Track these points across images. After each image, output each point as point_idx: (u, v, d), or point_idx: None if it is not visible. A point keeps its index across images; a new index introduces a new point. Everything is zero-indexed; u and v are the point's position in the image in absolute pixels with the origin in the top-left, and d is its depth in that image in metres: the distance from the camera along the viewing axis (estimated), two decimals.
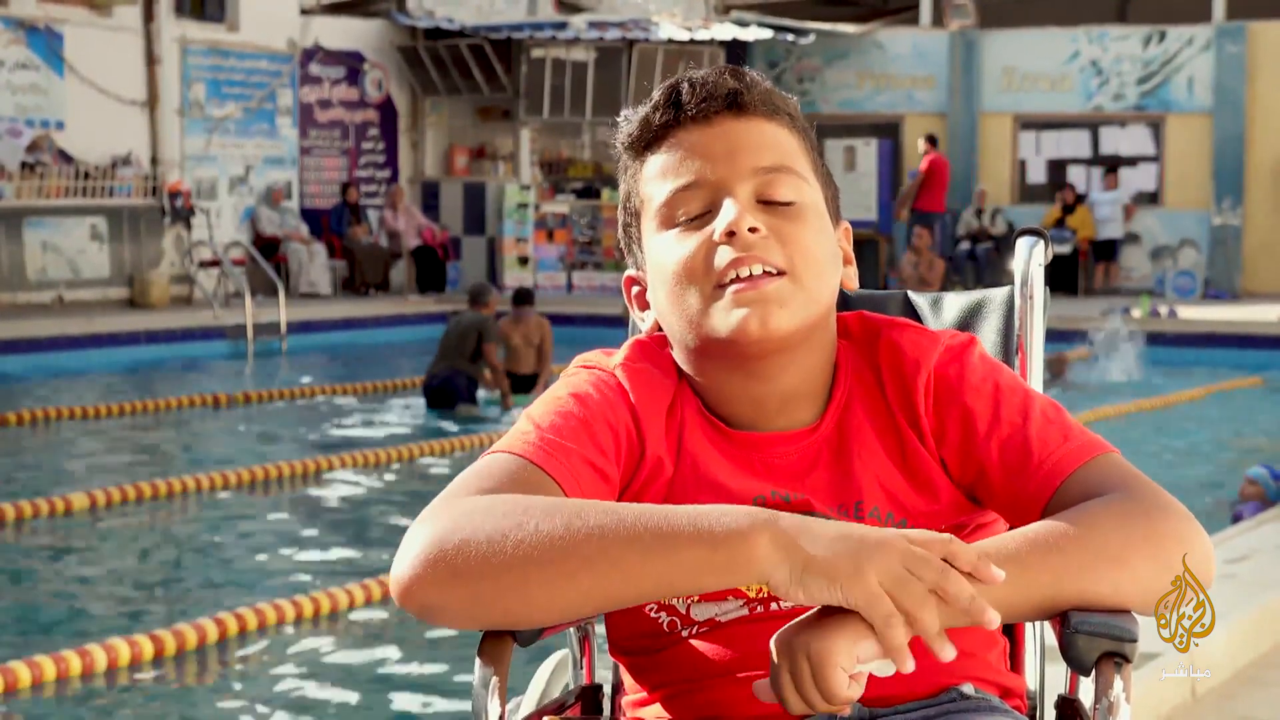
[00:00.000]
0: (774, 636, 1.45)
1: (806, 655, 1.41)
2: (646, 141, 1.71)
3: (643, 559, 1.43)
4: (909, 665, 1.40)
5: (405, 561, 1.49)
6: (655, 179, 1.69)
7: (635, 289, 1.78)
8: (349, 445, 9.95)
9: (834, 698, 1.41)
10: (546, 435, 1.62)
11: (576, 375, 1.72)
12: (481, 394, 11.42)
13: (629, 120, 1.73)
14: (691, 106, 1.67)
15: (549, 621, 1.50)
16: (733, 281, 1.62)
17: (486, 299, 11.57)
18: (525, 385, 11.55)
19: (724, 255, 1.63)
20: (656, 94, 1.71)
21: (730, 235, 1.63)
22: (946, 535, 1.44)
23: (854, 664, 1.42)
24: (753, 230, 1.62)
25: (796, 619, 1.45)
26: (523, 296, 11.98)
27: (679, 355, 1.72)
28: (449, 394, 11.20)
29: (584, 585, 1.45)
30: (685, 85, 1.68)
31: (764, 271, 1.62)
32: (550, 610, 1.47)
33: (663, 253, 1.67)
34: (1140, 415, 11.62)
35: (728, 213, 1.63)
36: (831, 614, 1.43)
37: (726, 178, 1.65)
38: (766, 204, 1.66)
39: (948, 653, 1.40)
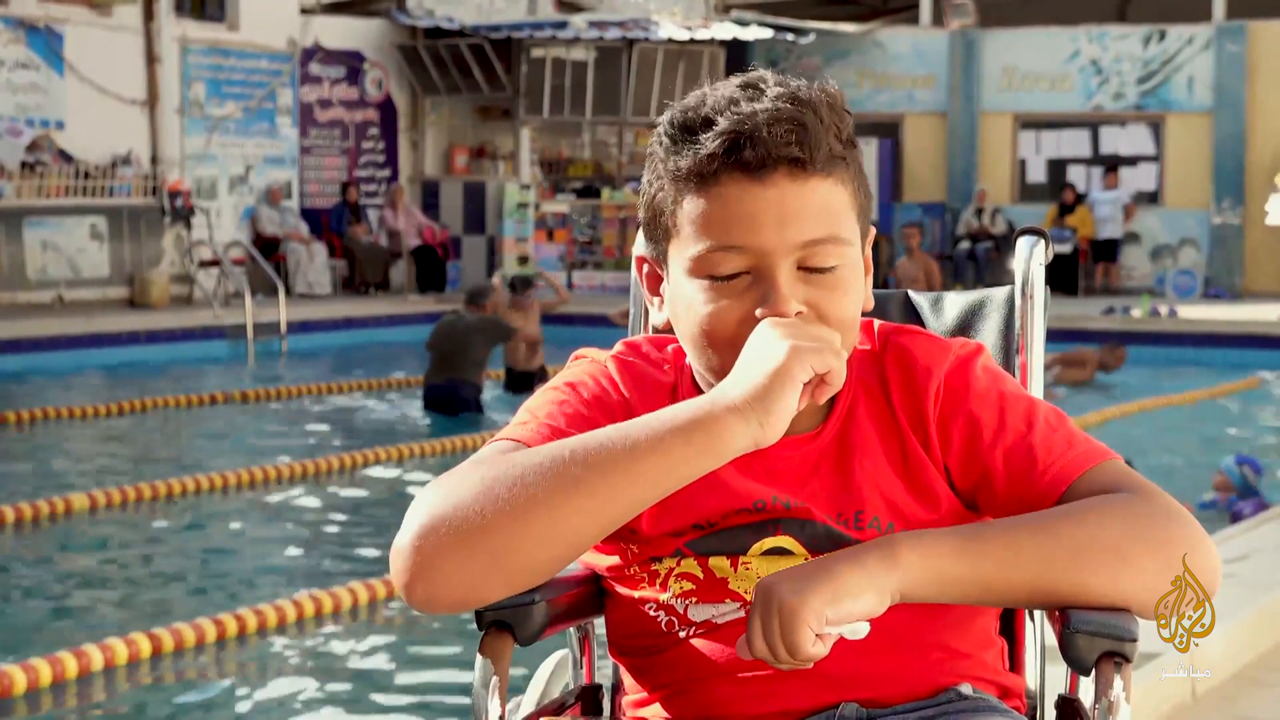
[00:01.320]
0: (759, 581, 1.49)
1: (779, 608, 1.45)
2: (695, 179, 1.62)
3: (629, 462, 1.51)
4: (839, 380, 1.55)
5: (404, 540, 1.52)
6: (695, 222, 1.62)
7: (647, 268, 1.75)
8: (349, 445, 9.95)
9: (797, 654, 1.45)
10: (543, 421, 1.65)
11: (574, 366, 1.75)
12: (486, 396, 11.36)
13: (677, 140, 1.62)
14: (751, 163, 1.59)
15: (555, 557, 1.53)
16: None
17: (484, 300, 11.53)
18: (524, 383, 11.53)
19: None
20: (712, 139, 1.59)
21: None
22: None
23: (823, 625, 1.46)
24: (796, 313, 1.59)
25: (784, 569, 1.50)
26: (523, 283, 12.03)
27: (691, 358, 1.71)
28: (455, 404, 10.97)
29: (579, 503, 1.50)
30: (746, 139, 1.58)
31: None
32: (555, 541, 1.51)
33: (692, 298, 1.63)
34: (1140, 415, 11.62)
35: (772, 295, 1.59)
36: (812, 571, 1.48)
37: (771, 250, 1.59)
38: (807, 269, 1.61)
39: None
